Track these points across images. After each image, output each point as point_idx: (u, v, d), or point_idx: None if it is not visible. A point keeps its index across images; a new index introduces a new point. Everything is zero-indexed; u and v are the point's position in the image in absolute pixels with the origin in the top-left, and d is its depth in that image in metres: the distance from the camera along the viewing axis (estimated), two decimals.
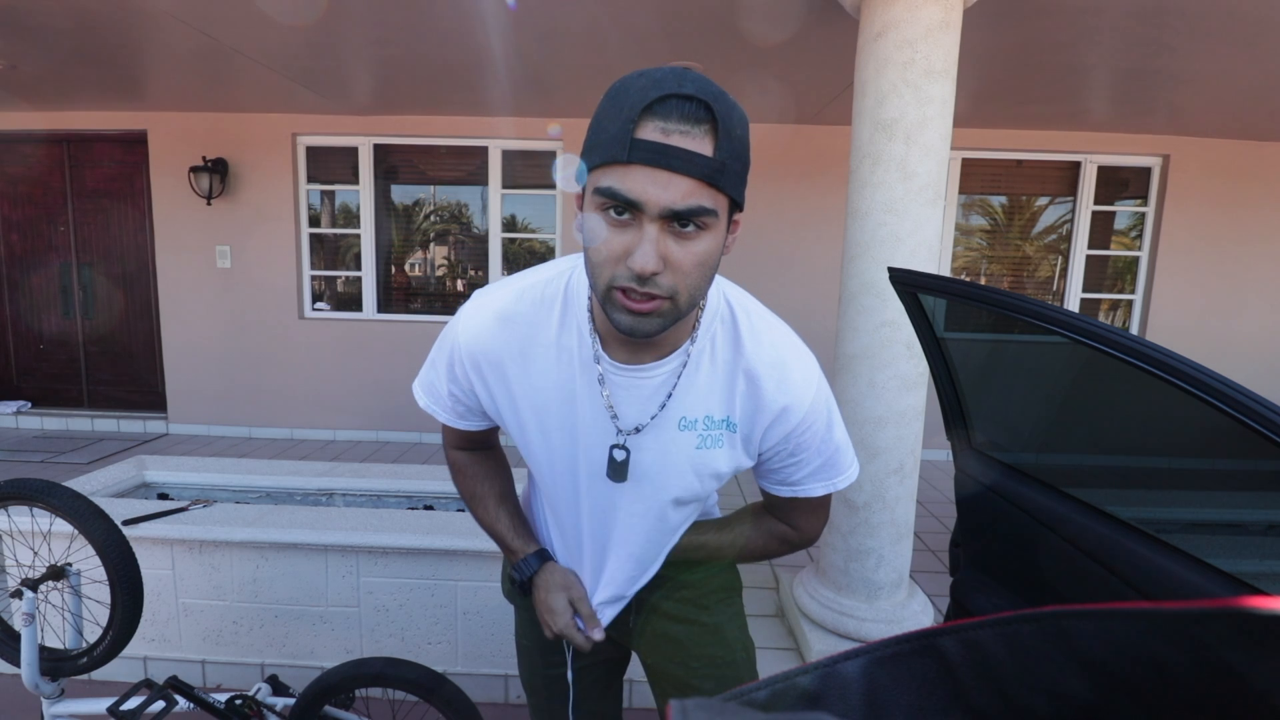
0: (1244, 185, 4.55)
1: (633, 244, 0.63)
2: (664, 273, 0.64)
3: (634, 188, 0.61)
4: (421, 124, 4.63)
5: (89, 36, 3.22)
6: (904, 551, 2.20)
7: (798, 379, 0.79)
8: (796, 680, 0.39)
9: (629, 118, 0.60)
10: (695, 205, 0.61)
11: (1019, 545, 1.14)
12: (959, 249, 4.85)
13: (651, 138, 0.60)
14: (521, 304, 0.81)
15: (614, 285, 0.65)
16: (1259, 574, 0.85)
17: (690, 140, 0.60)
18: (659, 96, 0.59)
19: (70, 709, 1.48)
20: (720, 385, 0.80)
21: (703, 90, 0.61)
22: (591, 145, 0.65)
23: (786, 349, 0.80)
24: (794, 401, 0.79)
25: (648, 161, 0.60)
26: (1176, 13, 2.60)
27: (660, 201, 0.61)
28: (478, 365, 0.82)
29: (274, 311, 4.85)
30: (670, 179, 0.60)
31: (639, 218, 0.62)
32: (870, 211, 2.03)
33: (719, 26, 2.89)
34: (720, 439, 0.81)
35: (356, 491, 2.47)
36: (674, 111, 0.60)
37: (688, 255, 0.64)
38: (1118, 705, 0.34)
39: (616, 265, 0.65)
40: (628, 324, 0.67)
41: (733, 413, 0.81)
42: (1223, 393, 0.69)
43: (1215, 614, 0.28)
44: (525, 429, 0.85)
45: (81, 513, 1.37)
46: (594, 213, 0.65)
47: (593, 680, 1.05)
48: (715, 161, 0.61)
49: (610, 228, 0.64)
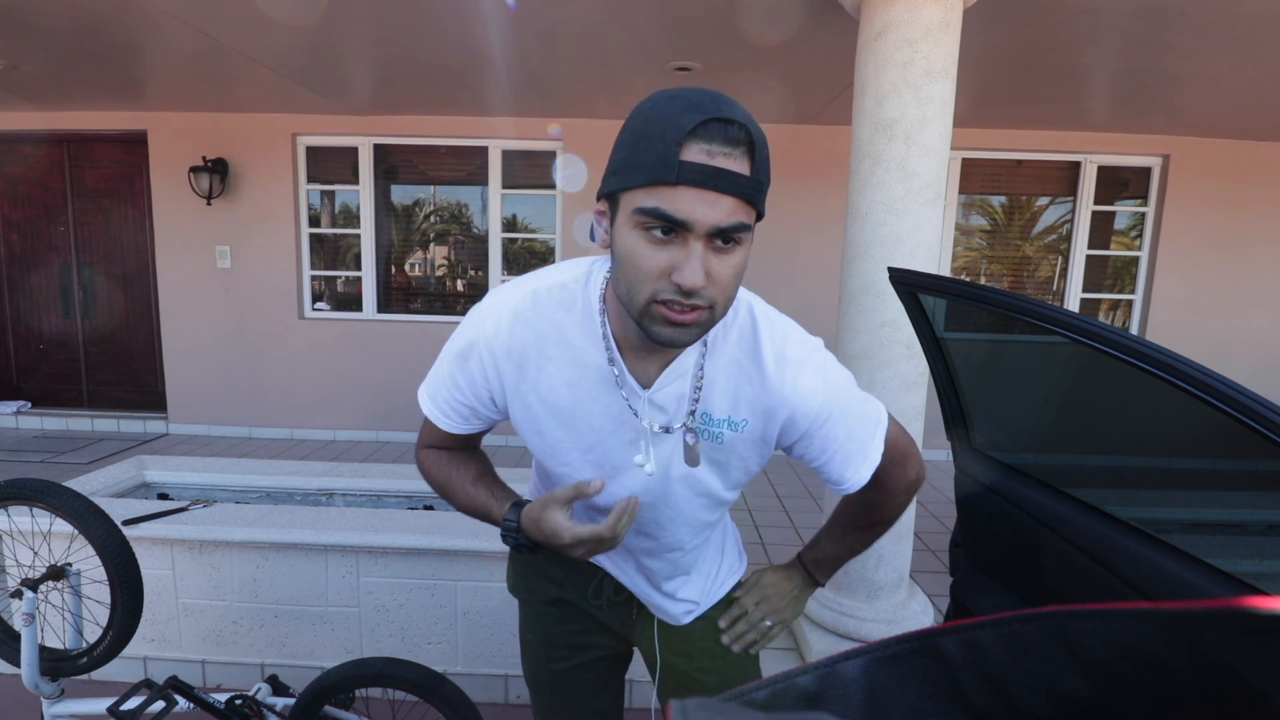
0: (1244, 185, 4.55)
1: (677, 260, 0.65)
2: (707, 286, 0.66)
3: (682, 208, 0.63)
4: (421, 124, 4.63)
5: (89, 36, 3.22)
6: (904, 551, 2.20)
7: (804, 383, 0.80)
8: (796, 680, 0.39)
9: (674, 140, 0.62)
10: (738, 223, 0.65)
11: (1019, 545, 1.14)
12: (959, 249, 4.85)
13: (698, 159, 0.63)
14: (539, 305, 0.81)
15: (656, 300, 0.67)
16: (1259, 574, 0.85)
17: (732, 162, 0.63)
18: (702, 120, 0.62)
19: (70, 709, 1.48)
20: (721, 386, 0.81)
21: (737, 113, 0.64)
22: (630, 166, 0.66)
23: (796, 349, 0.81)
24: (801, 404, 0.80)
25: (695, 183, 0.63)
26: (1176, 13, 2.60)
27: (708, 221, 0.64)
28: (496, 361, 0.82)
29: (274, 311, 4.85)
30: (717, 199, 0.63)
31: (684, 236, 0.65)
32: (870, 211, 2.03)
33: (719, 26, 2.89)
34: (720, 435, 0.82)
35: (356, 491, 2.47)
36: (717, 135, 0.63)
37: (726, 268, 0.67)
38: (1118, 705, 0.34)
39: (659, 281, 0.67)
40: (669, 335, 0.69)
41: (736, 412, 0.82)
42: (1223, 393, 0.69)
43: (1215, 614, 0.28)
44: (543, 429, 0.84)
45: (81, 513, 1.37)
46: (633, 230, 0.67)
47: (594, 676, 1.06)
48: (754, 181, 0.65)
49: (652, 245, 0.66)
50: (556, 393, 0.82)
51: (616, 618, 1.02)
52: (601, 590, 1.00)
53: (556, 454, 0.86)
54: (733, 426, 0.82)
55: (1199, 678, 0.30)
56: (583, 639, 1.03)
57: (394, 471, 2.53)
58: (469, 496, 0.92)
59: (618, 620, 1.02)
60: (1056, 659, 0.35)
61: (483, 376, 0.83)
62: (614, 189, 0.68)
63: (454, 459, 0.96)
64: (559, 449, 0.85)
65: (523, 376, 0.82)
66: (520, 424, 0.86)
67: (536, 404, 0.83)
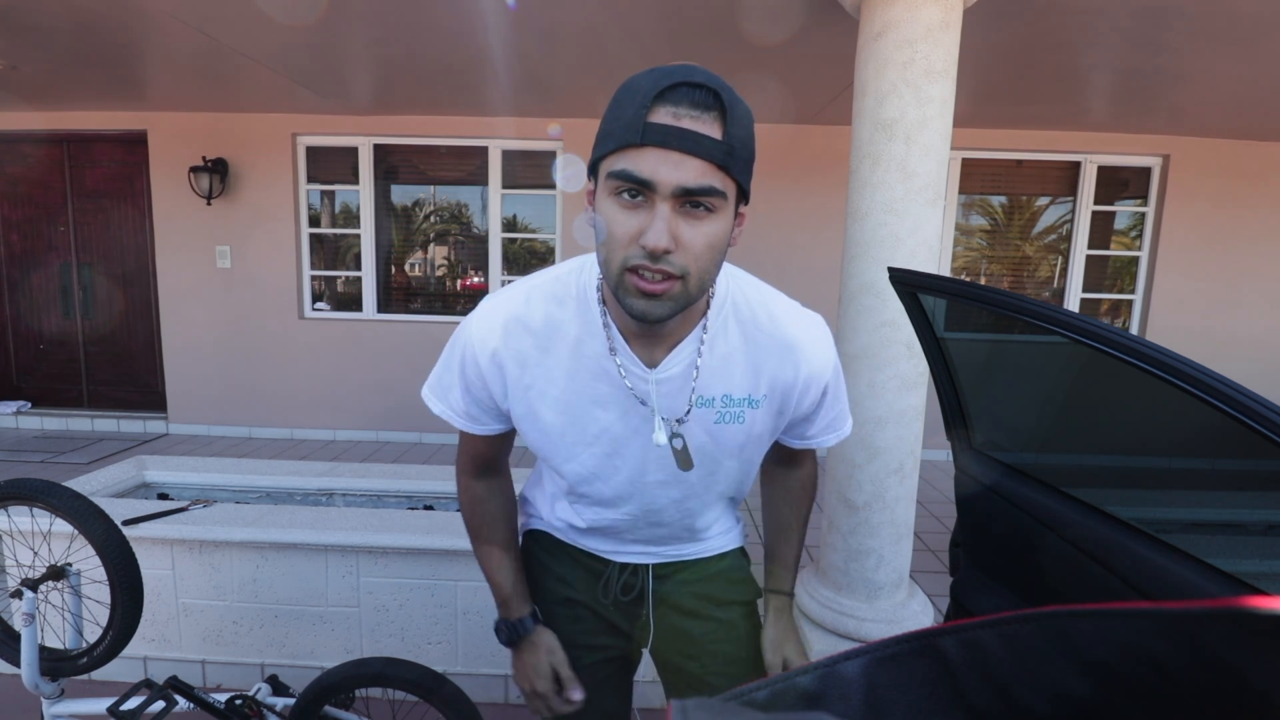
0: (1244, 185, 4.55)
1: (646, 223, 0.66)
2: (676, 251, 0.66)
3: (646, 168, 0.64)
4: (421, 124, 4.63)
5: (89, 36, 3.22)
6: (904, 551, 2.20)
7: (817, 351, 0.84)
8: (796, 680, 0.39)
9: (641, 104, 0.64)
10: (706, 184, 0.64)
11: (1019, 545, 1.14)
12: (959, 249, 4.85)
13: (663, 121, 0.63)
14: (533, 304, 0.82)
15: (627, 266, 0.67)
16: (1259, 574, 0.85)
17: (700, 124, 0.64)
18: (670, 84, 0.63)
19: (70, 709, 1.47)
20: (739, 367, 0.83)
21: (711, 80, 0.65)
22: (604, 135, 0.68)
23: (799, 324, 0.84)
24: (816, 372, 0.85)
25: (660, 143, 0.63)
26: (1176, 13, 2.60)
27: (672, 180, 0.64)
28: (491, 368, 0.82)
29: (274, 311, 4.85)
30: (682, 159, 0.63)
31: (651, 198, 0.65)
32: (870, 211, 2.03)
33: (719, 26, 2.89)
34: (740, 415, 0.84)
35: (356, 491, 2.47)
36: (684, 98, 0.63)
37: (699, 235, 0.67)
38: (1118, 705, 0.34)
39: (629, 246, 0.67)
40: (641, 307, 0.69)
41: (756, 390, 0.84)
42: (1223, 393, 0.69)
43: (1216, 614, 0.28)
44: (546, 426, 0.85)
45: (81, 513, 1.37)
46: (607, 198, 0.68)
47: (602, 678, 1.05)
48: (724, 144, 0.64)
49: (623, 210, 0.67)
50: (556, 385, 0.82)
51: (625, 616, 1.02)
52: (609, 588, 1.00)
53: (560, 450, 0.87)
54: (753, 404, 0.84)
55: (1199, 678, 0.30)
56: (591, 639, 1.03)
57: (394, 471, 2.53)
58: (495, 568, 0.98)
59: (626, 619, 1.02)
60: (1056, 659, 0.35)
61: (481, 383, 0.84)
62: (594, 160, 0.70)
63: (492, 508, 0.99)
64: (563, 444, 0.86)
65: (522, 376, 0.83)
66: (523, 423, 0.86)
67: (536, 400, 0.83)
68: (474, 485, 0.98)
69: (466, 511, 1.00)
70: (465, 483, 0.99)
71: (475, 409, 0.88)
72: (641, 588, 1.00)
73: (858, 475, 2.13)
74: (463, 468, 0.98)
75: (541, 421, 0.85)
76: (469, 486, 0.99)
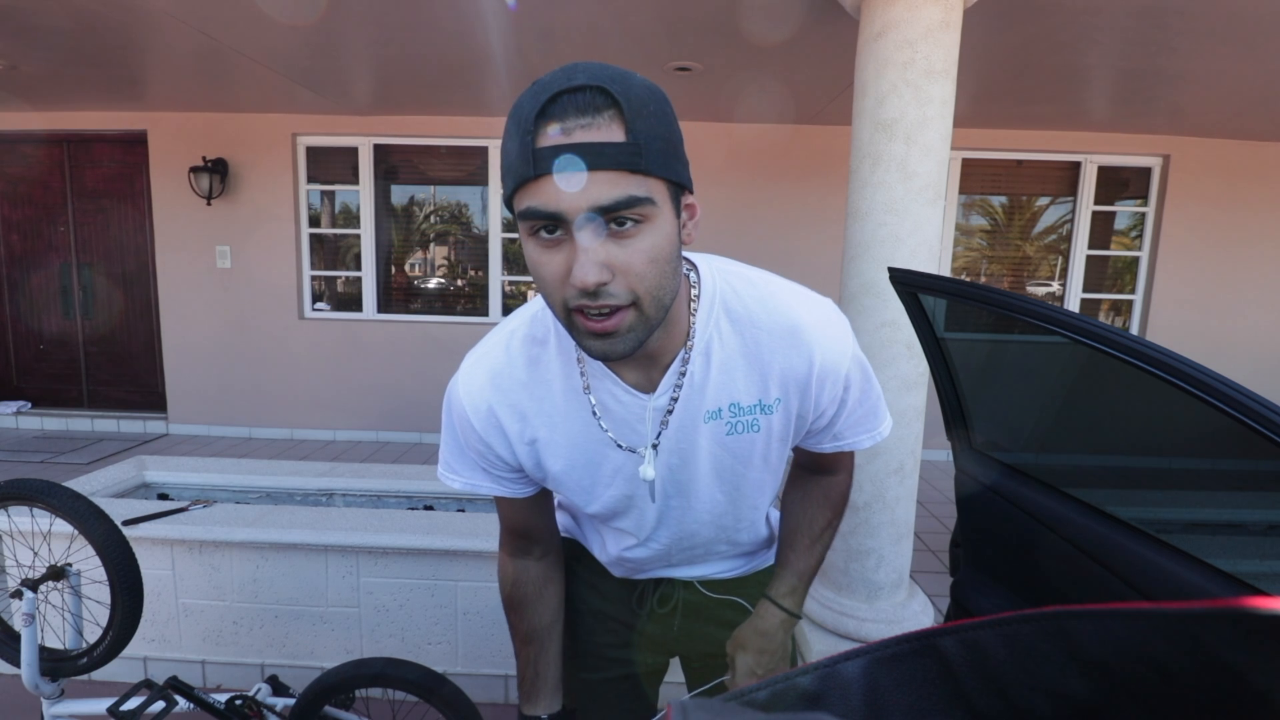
0: (1244, 185, 4.55)
1: (571, 259, 0.58)
2: (614, 280, 0.58)
3: (549, 199, 0.56)
4: (421, 124, 4.63)
5: (89, 36, 3.22)
6: (904, 551, 2.20)
7: (826, 334, 0.74)
8: (797, 680, 0.39)
9: (526, 129, 0.56)
10: (623, 196, 0.56)
11: (1019, 545, 1.14)
12: (959, 249, 4.85)
13: (553, 142, 0.55)
14: (514, 352, 0.76)
15: (570, 308, 0.61)
16: (1259, 574, 0.85)
17: (595, 132, 0.55)
18: (549, 98, 0.55)
19: (70, 709, 1.48)
20: (742, 371, 0.75)
21: (595, 76, 0.56)
22: (504, 172, 0.60)
23: (802, 307, 0.75)
24: (831, 359, 0.75)
25: (555, 168, 0.55)
26: (1177, 13, 2.60)
27: (579, 204, 0.56)
28: (495, 421, 0.77)
29: (274, 311, 4.85)
30: (585, 178, 0.55)
31: (568, 229, 0.58)
32: (870, 212, 2.03)
33: (719, 26, 2.89)
34: (755, 423, 0.77)
35: (356, 492, 2.47)
36: (569, 107, 0.55)
37: (635, 254, 0.59)
38: (1118, 705, 0.34)
39: (563, 287, 0.60)
40: (599, 348, 0.62)
41: (766, 395, 0.76)
42: (1223, 393, 0.69)
43: (1216, 614, 0.28)
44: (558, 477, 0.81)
45: (81, 513, 1.37)
46: (527, 239, 0.61)
47: (624, 691, 1.02)
48: (629, 145, 0.56)
49: (544, 250, 0.60)
50: (558, 431, 0.77)
51: (659, 627, 0.98)
52: (645, 600, 0.97)
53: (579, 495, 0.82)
54: (765, 409, 0.76)
55: (1199, 678, 0.30)
56: (618, 653, 1.00)
57: (394, 471, 2.53)
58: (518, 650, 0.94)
59: (661, 630, 0.98)
60: (1056, 659, 0.35)
61: (484, 445, 0.79)
62: (507, 201, 0.62)
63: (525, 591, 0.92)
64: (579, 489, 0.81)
65: (523, 431, 0.78)
66: (534, 474, 0.82)
67: (543, 451, 0.79)
68: (508, 565, 0.92)
69: (501, 589, 0.94)
70: (502, 560, 0.93)
71: (493, 474, 0.82)
72: (678, 600, 0.97)
73: (858, 475, 2.13)
74: (502, 543, 0.93)
75: (552, 474, 0.80)
76: (504, 565, 0.93)
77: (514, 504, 0.86)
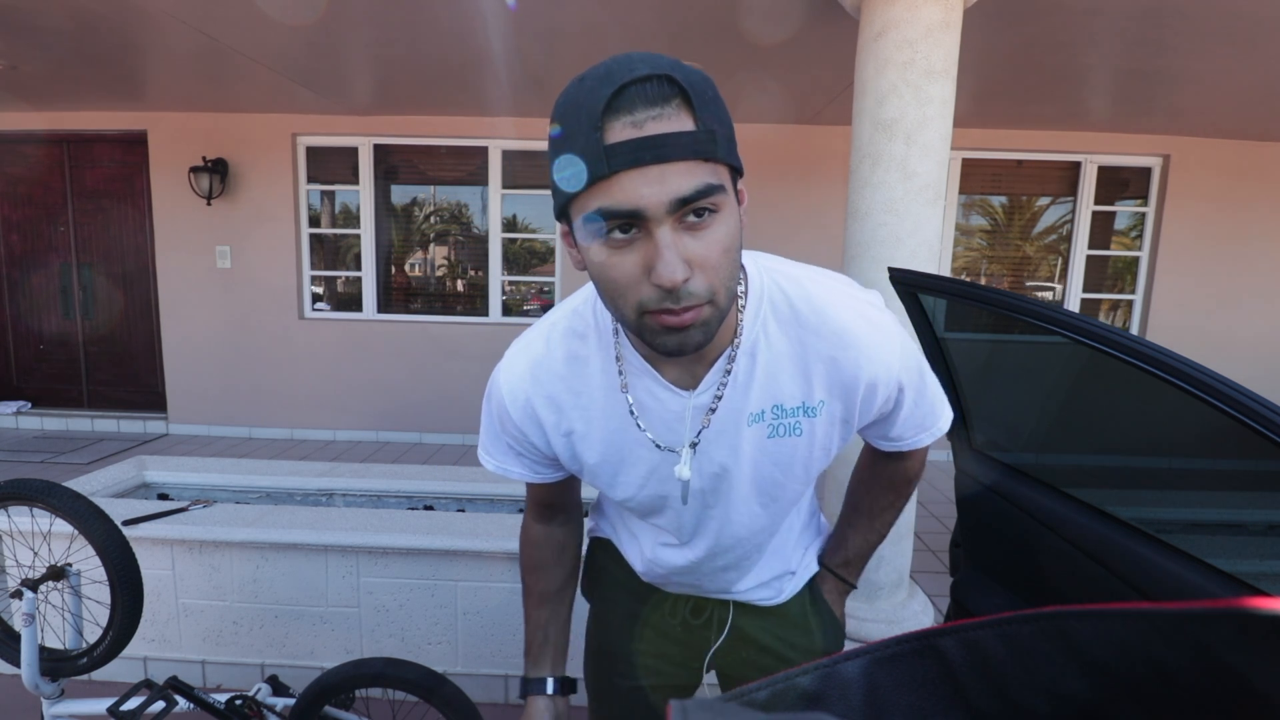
0: (1244, 185, 4.55)
1: (649, 258, 0.56)
2: (694, 276, 0.56)
3: (628, 196, 0.54)
4: (421, 124, 4.63)
5: (89, 36, 3.22)
6: (904, 551, 2.20)
7: (874, 339, 0.71)
8: (796, 680, 0.39)
9: (592, 125, 0.53)
10: (702, 185, 0.54)
11: (1019, 545, 1.14)
12: (959, 249, 4.85)
13: (625, 136, 0.53)
14: (554, 345, 0.76)
15: (645, 311, 0.58)
16: (1259, 574, 0.85)
17: (666, 122, 0.53)
18: (615, 90, 0.52)
19: (70, 709, 1.47)
20: (787, 373, 0.72)
21: (657, 65, 0.53)
22: (563, 176, 0.56)
23: (850, 310, 0.72)
24: (882, 368, 0.72)
25: (632, 163, 0.53)
26: (1176, 13, 2.60)
27: (662, 199, 0.54)
28: (532, 412, 0.77)
29: (274, 311, 4.85)
30: (663, 171, 0.53)
31: (645, 227, 0.55)
32: (870, 211, 2.03)
33: (719, 26, 2.89)
34: (797, 426, 0.74)
35: (356, 492, 2.47)
36: (638, 99, 0.53)
37: (712, 247, 0.57)
38: (1118, 706, 0.34)
39: (639, 290, 0.57)
40: (674, 344, 0.60)
41: (811, 397, 0.73)
42: (1223, 393, 0.69)
43: (1216, 614, 0.28)
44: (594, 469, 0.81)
45: (81, 513, 1.37)
46: (593, 243, 0.58)
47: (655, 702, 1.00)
48: (703, 133, 0.54)
49: (617, 251, 0.57)
50: (595, 425, 0.77)
51: (695, 639, 0.96)
52: (678, 609, 0.95)
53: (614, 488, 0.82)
54: (809, 412, 0.73)
55: (1199, 679, 0.30)
56: (650, 662, 0.97)
57: (394, 471, 2.53)
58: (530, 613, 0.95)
59: (696, 640, 0.96)
60: (1056, 659, 0.35)
61: (520, 434, 0.79)
62: (562, 205, 0.59)
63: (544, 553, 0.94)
64: (614, 483, 0.81)
65: (559, 423, 0.78)
66: (570, 465, 0.82)
67: (579, 443, 0.78)
68: (533, 527, 0.95)
69: (522, 551, 0.96)
70: (526, 523, 0.95)
71: (526, 460, 0.83)
72: (712, 613, 0.95)
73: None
74: (528, 510, 0.95)
75: (587, 466, 0.80)
76: (528, 527, 0.95)
77: (541, 486, 0.89)
